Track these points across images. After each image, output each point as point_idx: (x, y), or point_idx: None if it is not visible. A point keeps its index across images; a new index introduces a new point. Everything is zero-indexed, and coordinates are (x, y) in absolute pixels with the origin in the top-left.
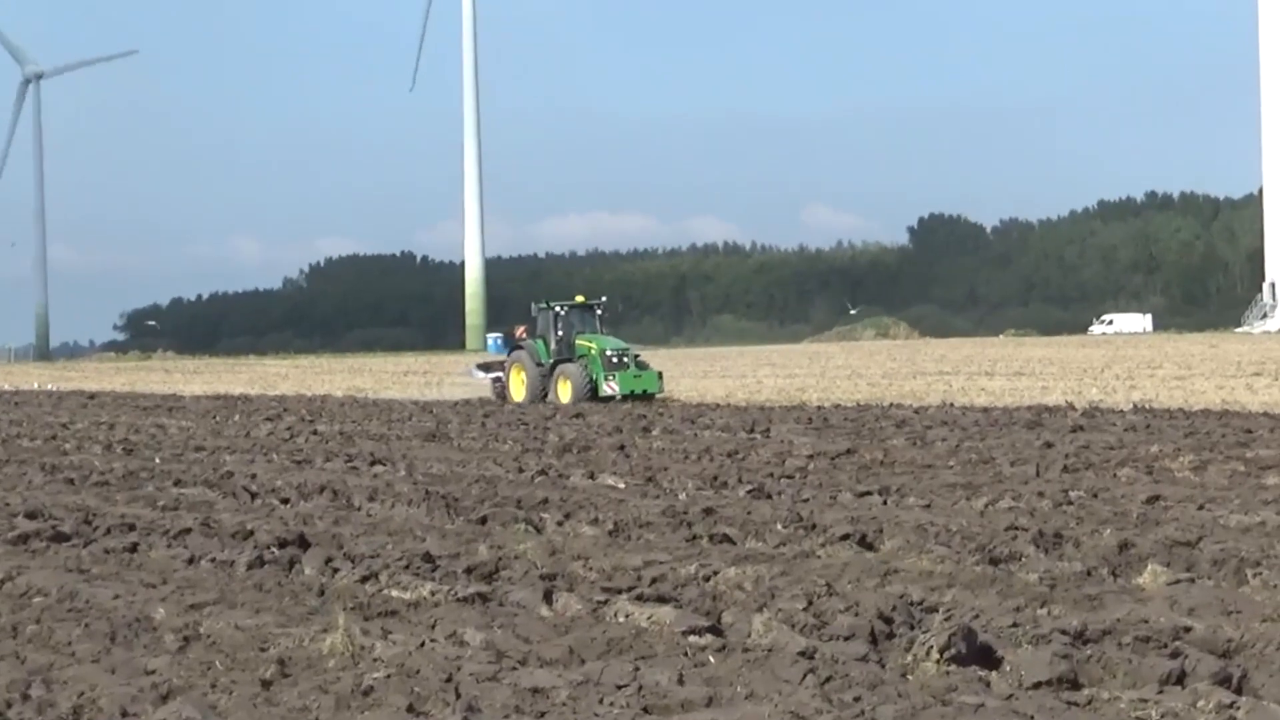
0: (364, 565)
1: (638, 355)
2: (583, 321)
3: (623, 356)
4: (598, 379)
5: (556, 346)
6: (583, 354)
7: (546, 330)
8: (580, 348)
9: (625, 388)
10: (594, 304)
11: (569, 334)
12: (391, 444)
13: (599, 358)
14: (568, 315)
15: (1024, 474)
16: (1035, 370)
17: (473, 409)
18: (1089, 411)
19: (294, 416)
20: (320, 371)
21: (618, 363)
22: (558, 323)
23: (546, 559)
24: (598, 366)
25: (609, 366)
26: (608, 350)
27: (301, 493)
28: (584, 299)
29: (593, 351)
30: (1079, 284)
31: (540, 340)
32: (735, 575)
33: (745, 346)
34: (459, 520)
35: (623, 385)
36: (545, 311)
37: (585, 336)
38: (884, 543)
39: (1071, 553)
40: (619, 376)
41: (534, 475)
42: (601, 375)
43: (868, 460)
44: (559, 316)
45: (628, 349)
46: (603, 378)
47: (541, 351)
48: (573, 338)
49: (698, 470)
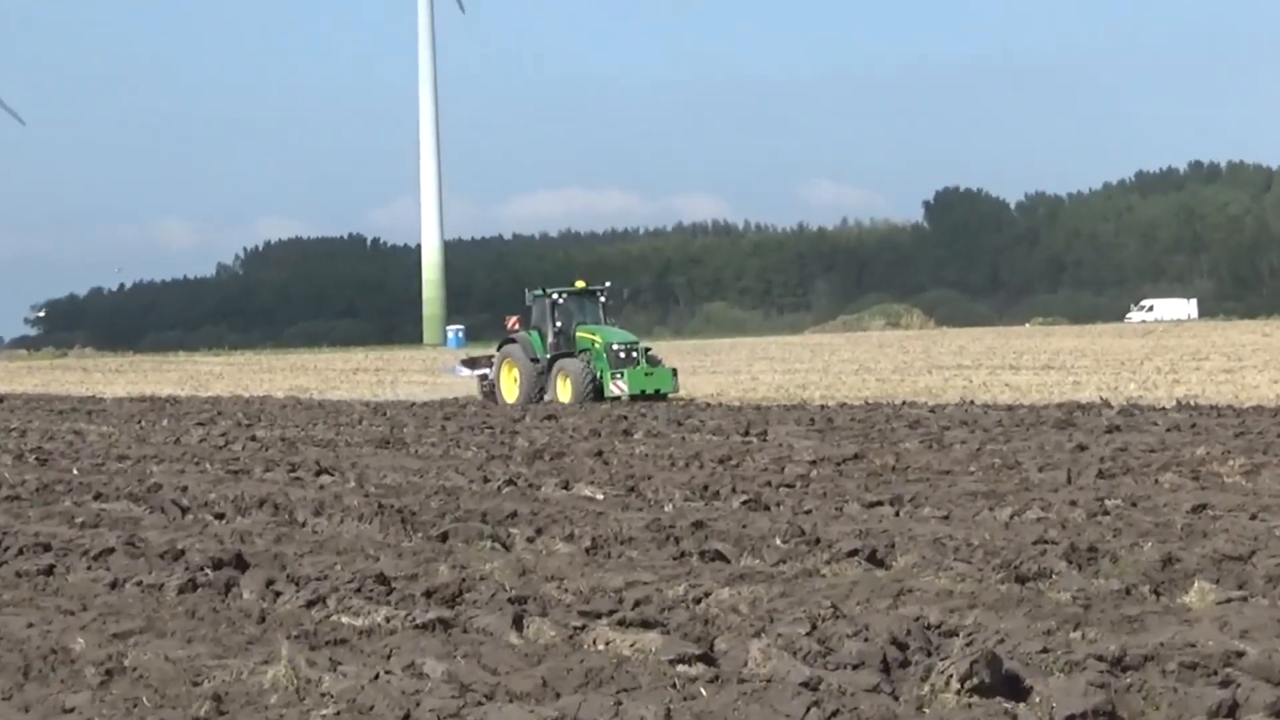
0: (310, 588)
1: (648, 349)
2: (584, 310)
3: (631, 350)
4: (603, 377)
5: (554, 339)
6: (585, 348)
7: (543, 320)
8: (582, 340)
9: (635, 387)
10: (597, 290)
11: (569, 325)
12: (340, 451)
13: (604, 352)
14: (567, 303)
15: (1054, 481)
16: (1066, 363)
17: (431, 411)
18: (1127, 410)
19: (229, 421)
20: (259, 370)
21: (625, 358)
22: (555, 312)
23: (516, 580)
24: (603, 362)
25: (616, 362)
26: (614, 343)
27: (238, 507)
28: (585, 284)
29: (596, 345)
30: (1115, 266)
31: (535, 332)
32: (729, 597)
33: (739, 338)
34: (417, 537)
35: (632, 384)
36: (541, 299)
37: (587, 328)
38: (896, 559)
39: (1108, 569)
40: (627, 374)
41: (501, 485)
42: (607, 372)
43: (878, 466)
44: (557, 305)
45: (636, 342)
46: (609, 375)
47: (537, 345)
48: (573, 329)
49: (686, 479)
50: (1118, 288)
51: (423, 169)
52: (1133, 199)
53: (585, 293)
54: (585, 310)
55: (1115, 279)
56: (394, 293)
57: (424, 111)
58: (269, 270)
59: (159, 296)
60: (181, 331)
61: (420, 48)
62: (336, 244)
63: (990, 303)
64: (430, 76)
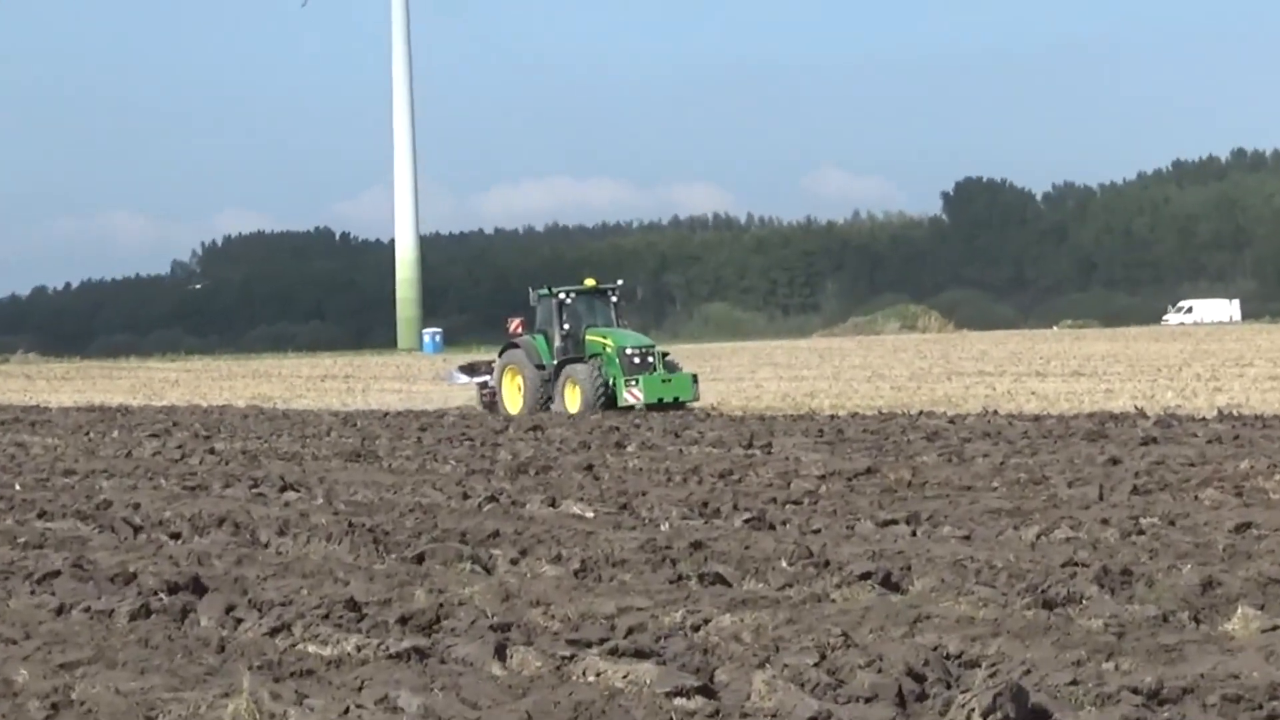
0: (273, 614)
1: (666, 354)
2: (594, 311)
3: (647, 355)
4: (615, 384)
5: (562, 343)
6: (595, 352)
7: (549, 323)
8: (592, 344)
9: (651, 395)
10: (609, 289)
11: (577, 327)
12: (306, 465)
13: (616, 356)
14: (575, 304)
15: (1084, 497)
16: (1097, 369)
17: (406, 422)
18: (1164, 420)
19: (186, 432)
20: (218, 376)
21: (640, 363)
22: (563, 313)
23: (498, 605)
24: (615, 368)
25: (629, 368)
26: (627, 347)
27: (196, 526)
28: (595, 282)
29: (608, 349)
30: (1150, 263)
31: (541, 336)
32: (730, 624)
33: (741, 342)
34: (390, 559)
35: (647, 392)
36: (547, 299)
37: (598, 330)
38: (913, 583)
39: (1144, 593)
40: (642, 380)
41: (482, 502)
42: (620, 379)
43: (892, 481)
44: (564, 305)
45: (652, 345)
46: (622, 382)
47: (542, 350)
48: (582, 332)
49: (683, 495)
50: (1154, 287)
51: (396, 157)
52: (1170, 190)
53: (595, 292)
54: (595, 311)
55: (1151, 277)
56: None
57: (397, 94)
58: (229, 268)
59: (109, 297)
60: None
61: (393, 26)
62: (302, 239)
63: (1015, 303)
64: (404, 56)
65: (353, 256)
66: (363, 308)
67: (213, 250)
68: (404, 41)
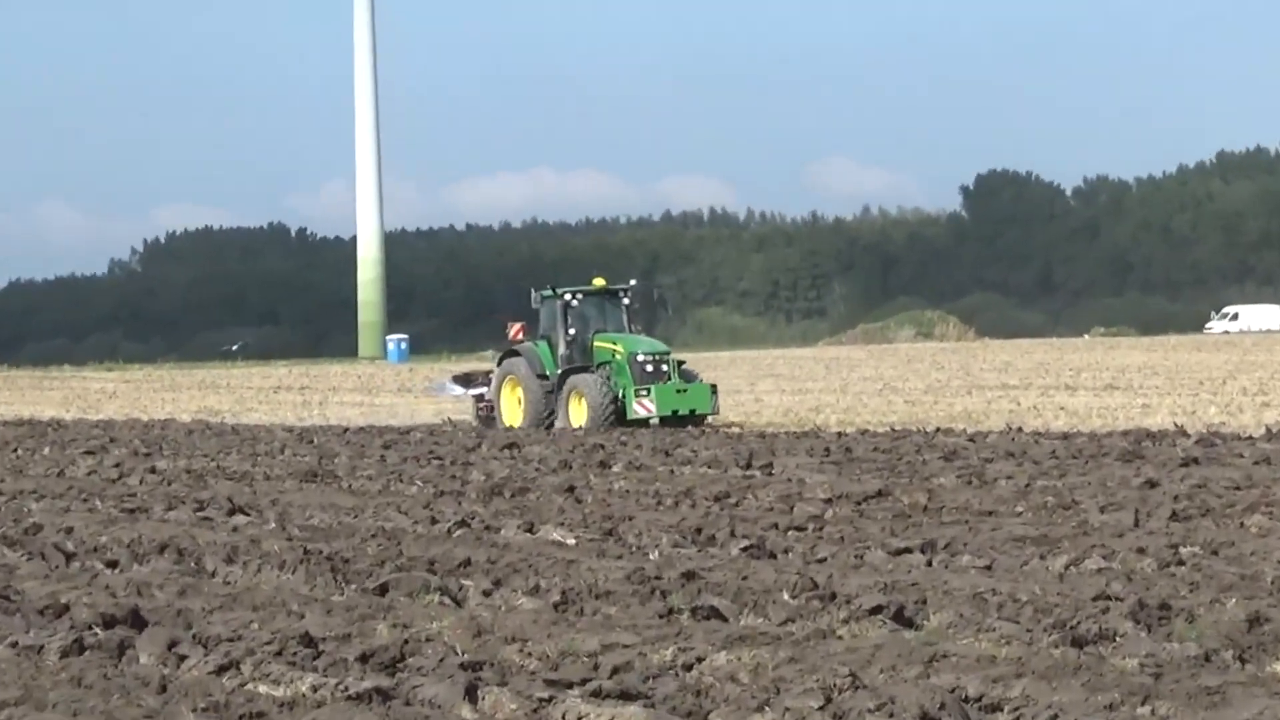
0: (220, 651)
1: (681, 362)
2: (604, 315)
3: (660, 362)
4: (626, 395)
5: (567, 350)
6: (604, 360)
7: (553, 327)
8: (600, 351)
9: (664, 407)
10: (619, 290)
11: (584, 333)
12: (258, 486)
13: (627, 364)
14: (582, 307)
15: (1118, 524)
16: (1133, 382)
17: (368, 438)
18: (1206, 439)
19: (124, 449)
20: (160, 387)
21: (653, 371)
22: (568, 317)
23: (469, 642)
24: (625, 377)
25: (641, 377)
26: (639, 354)
27: (135, 553)
28: (605, 283)
29: (618, 356)
30: (1191, 264)
31: (544, 342)
32: (726, 663)
33: (739, 350)
34: (350, 589)
35: (661, 403)
36: (551, 301)
37: (607, 336)
38: (928, 618)
39: (1184, 630)
40: (655, 391)
41: (452, 527)
42: (631, 389)
43: (906, 506)
44: (570, 308)
45: (667, 352)
46: (632, 393)
47: (546, 358)
48: (590, 338)
49: (675, 520)
50: (1195, 291)
51: (358, 145)
52: (1214, 184)
53: (605, 293)
54: (605, 315)
55: (1192, 280)
56: (323, 295)
57: (359, 75)
58: (173, 267)
59: (40, 299)
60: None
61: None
62: (254, 236)
63: (1042, 309)
64: (368, 34)
65: (310, 255)
66: (320, 312)
67: (155, 248)
68: (367, 17)
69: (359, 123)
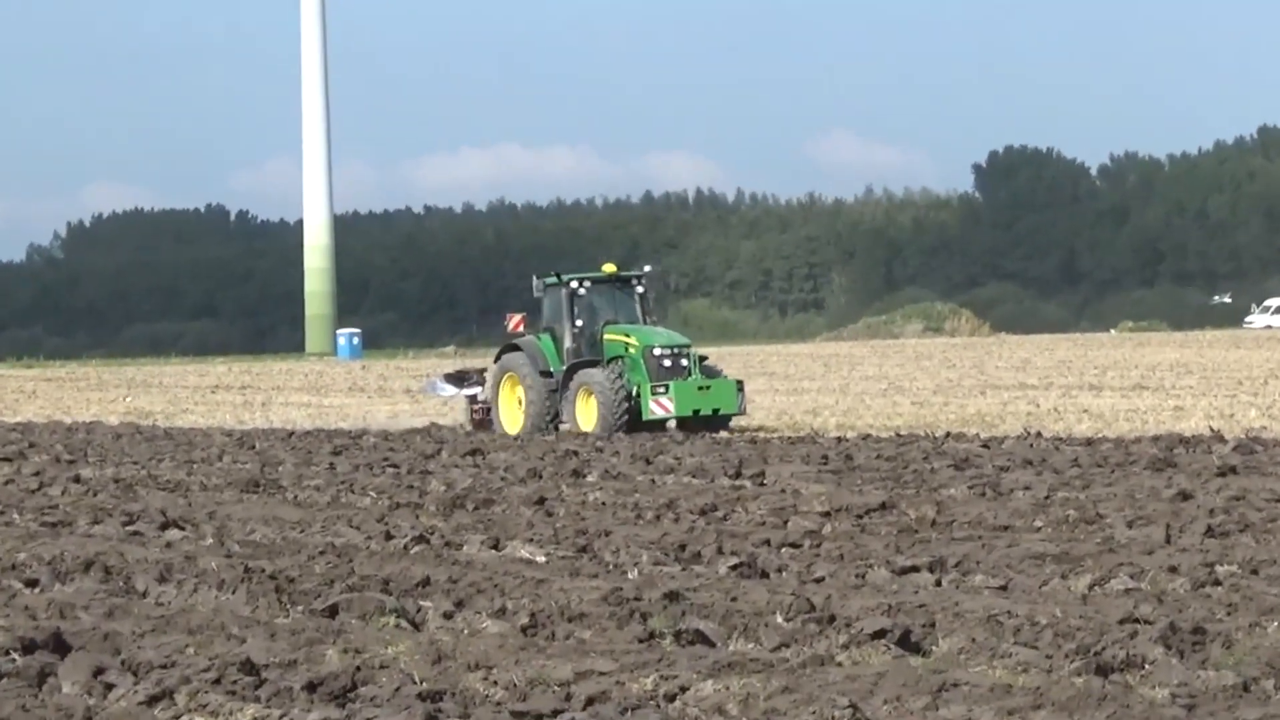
0: (152, 679)
1: (703, 356)
2: (614, 304)
3: (680, 357)
4: (641, 393)
5: (574, 344)
6: (615, 354)
7: (558, 318)
8: (612, 345)
9: (684, 406)
10: (632, 276)
11: (593, 324)
12: (194, 497)
13: (641, 359)
14: (590, 295)
15: (1148, 540)
16: (1164, 382)
17: (316, 444)
18: (1245, 445)
19: (45, 456)
20: (85, 386)
21: (672, 367)
22: (575, 306)
23: (428, 669)
24: (640, 373)
25: (658, 373)
26: (655, 347)
27: (57, 571)
28: (615, 269)
29: (631, 350)
30: (1230, 251)
31: (547, 334)
32: (713, 692)
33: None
34: (296, 611)
35: (680, 403)
36: (555, 289)
37: (619, 327)
38: (937, 643)
39: (1220, 657)
40: (674, 388)
41: (409, 543)
42: (647, 387)
43: (913, 519)
44: (577, 297)
45: (687, 345)
46: (649, 391)
47: (549, 352)
48: (599, 330)
49: (656, 535)
50: (1234, 282)
51: (305, 119)
52: (1255, 163)
53: (616, 279)
54: (616, 304)
55: (1231, 270)
56: (267, 285)
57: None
58: (99, 254)
59: None
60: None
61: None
62: (190, 219)
63: (1064, 301)
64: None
65: (251, 241)
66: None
67: (79, 232)
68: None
69: (306, 93)
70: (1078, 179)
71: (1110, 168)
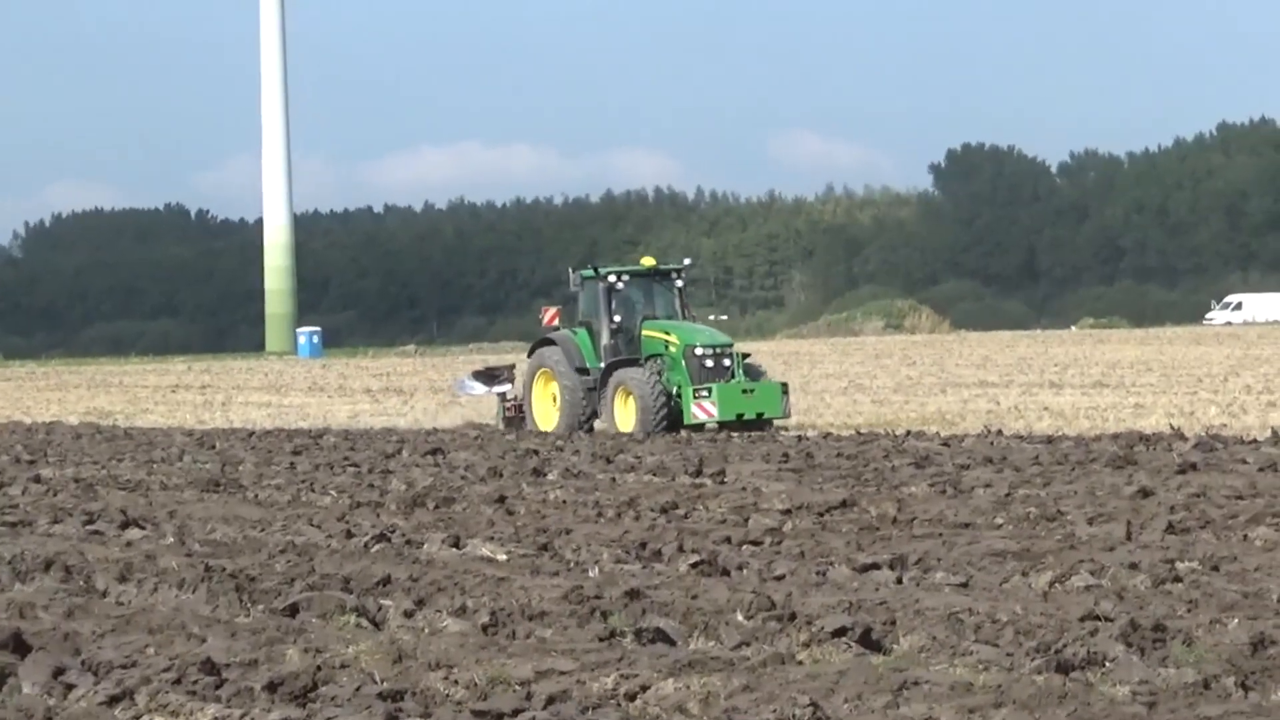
0: (112, 679)
1: (746, 355)
2: (653, 299)
3: (722, 356)
4: (682, 394)
5: (611, 340)
6: (654, 352)
7: (595, 313)
8: (650, 342)
9: (728, 410)
10: (671, 270)
11: (631, 320)
12: (154, 496)
13: (682, 358)
14: (629, 290)
15: (1108, 537)
16: (1125, 379)
17: (277, 443)
18: (1206, 442)
19: (5, 456)
20: (45, 386)
21: (714, 366)
22: (613, 301)
23: (388, 668)
24: (681, 373)
25: (700, 374)
26: (696, 346)
27: (17, 571)
28: (654, 262)
29: (672, 349)
30: (1190, 248)
31: (584, 330)
32: (674, 691)
33: None
34: (256, 610)
35: (723, 405)
36: (592, 283)
37: (658, 324)
38: (898, 641)
39: (1180, 654)
40: (717, 391)
41: (369, 542)
42: (688, 388)
43: (873, 517)
44: (614, 291)
45: (729, 344)
46: (690, 392)
47: (586, 349)
48: (638, 326)
49: (617, 534)
50: (1194, 278)
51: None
52: (1215, 160)
53: (655, 273)
54: (656, 299)
55: (1191, 267)
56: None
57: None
58: (58, 253)
59: None
60: None
61: None
62: (149, 218)
63: (1024, 298)
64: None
65: (211, 239)
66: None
67: (39, 231)
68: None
69: (265, 91)
70: (1038, 176)
71: (1070, 165)
